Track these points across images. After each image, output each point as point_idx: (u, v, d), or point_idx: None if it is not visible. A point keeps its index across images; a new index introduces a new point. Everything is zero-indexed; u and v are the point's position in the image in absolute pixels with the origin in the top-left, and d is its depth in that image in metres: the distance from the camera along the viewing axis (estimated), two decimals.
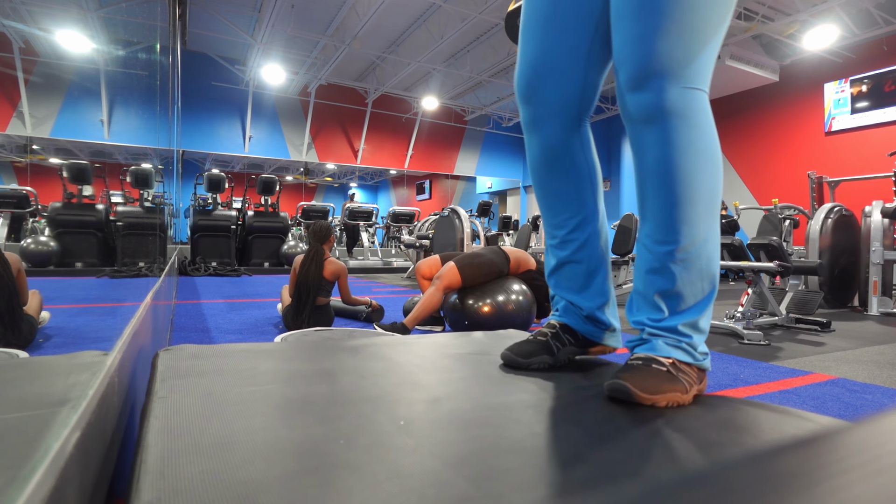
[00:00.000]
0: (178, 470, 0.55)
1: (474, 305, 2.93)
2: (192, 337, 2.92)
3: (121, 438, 0.88)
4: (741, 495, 0.20)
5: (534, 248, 5.81)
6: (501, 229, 10.13)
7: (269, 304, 4.37)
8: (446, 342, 1.30)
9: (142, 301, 1.54)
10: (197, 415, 0.72)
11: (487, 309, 2.91)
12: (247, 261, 8.59)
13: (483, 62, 11.31)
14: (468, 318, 2.93)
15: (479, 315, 2.90)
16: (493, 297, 2.94)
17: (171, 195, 7.85)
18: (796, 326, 3.72)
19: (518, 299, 2.99)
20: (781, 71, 9.56)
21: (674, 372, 0.88)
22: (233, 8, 9.48)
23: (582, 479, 0.58)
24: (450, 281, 2.92)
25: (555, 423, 0.75)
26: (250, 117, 12.38)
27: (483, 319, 2.89)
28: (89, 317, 3.33)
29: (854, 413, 1.81)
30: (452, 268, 2.94)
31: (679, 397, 0.86)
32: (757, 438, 0.74)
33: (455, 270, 2.93)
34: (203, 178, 8.56)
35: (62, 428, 0.53)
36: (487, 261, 3.02)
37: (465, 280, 2.94)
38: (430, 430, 0.70)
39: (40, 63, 4.39)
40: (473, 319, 2.91)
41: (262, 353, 1.12)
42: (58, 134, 9.39)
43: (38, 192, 7.33)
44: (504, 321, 2.88)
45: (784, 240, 6.62)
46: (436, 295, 2.89)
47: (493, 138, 15.65)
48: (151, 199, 7.40)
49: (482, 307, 2.91)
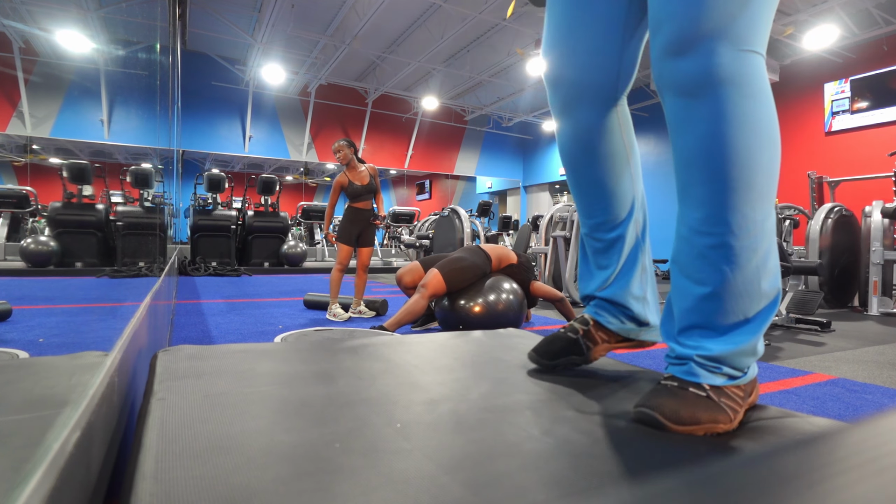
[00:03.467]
0: (171, 474, 0.55)
1: (466, 305, 2.94)
2: (191, 337, 2.91)
3: (120, 439, 0.88)
4: (741, 495, 0.20)
5: (534, 249, 5.80)
6: (501, 229, 10.13)
7: (269, 304, 4.37)
8: (445, 342, 1.30)
9: (141, 301, 1.54)
10: (193, 418, 0.72)
11: (479, 309, 2.92)
12: (247, 261, 8.59)
13: (483, 62, 11.31)
14: (460, 319, 2.94)
15: (470, 315, 2.92)
16: (485, 297, 2.96)
17: (171, 195, 7.85)
18: (796, 326, 3.72)
19: (508, 298, 3.00)
20: (781, 71, 9.55)
21: (715, 398, 0.75)
22: (233, 8, 9.48)
23: (579, 483, 0.58)
24: (435, 289, 2.93)
25: (552, 426, 0.75)
26: (250, 117, 12.38)
27: (475, 319, 2.90)
28: (89, 316, 3.33)
29: (854, 413, 1.81)
30: (436, 275, 2.95)
31: (720, 427, 0.74)
32: (757, 438, 0.73)
33: (439, 277, 2.95)
34: (203, 178, 8.55)
35: (62, 428, 0.53)
36: (470, 264, 3.05)
37: (449, 285, 2.97)
38: (426, 433, 0.69)
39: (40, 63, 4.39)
40: (465, 319, 2.92)
41: (261, 353, 1.12)
42: (58, 134, 9.38)
43: (38, 191, 7.34)
44: (496, 320, 2.90)
45: (784, 240, 6.61)
46: (420, 302, 2.90)
47: (493, 138, 15.64)
48: (151, 198, 7.40)
49: (473, 307, 2.92)
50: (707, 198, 0.77)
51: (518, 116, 14.59)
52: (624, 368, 1.09)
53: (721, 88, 0.73)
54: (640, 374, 1.04)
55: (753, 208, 0.76)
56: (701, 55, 0.73)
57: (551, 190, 15.35)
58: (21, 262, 6.06)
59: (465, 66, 11.48)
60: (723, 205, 0.75)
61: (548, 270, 5.54)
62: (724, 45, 0.72)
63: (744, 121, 0.74)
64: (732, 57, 0.72)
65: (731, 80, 0.73)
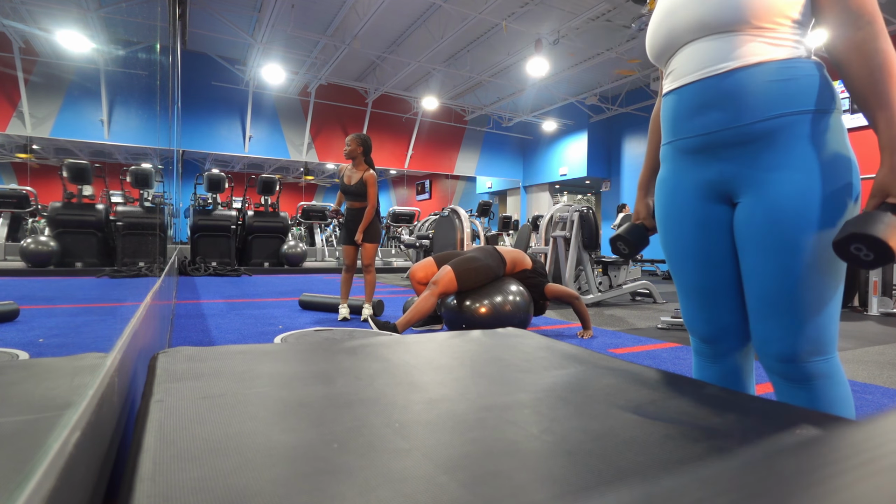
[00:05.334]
0: (169, 476, 0.55)
1: (472, 306, 2.93)
2: (191, 337, 2.92)
3: (120, 440, 0.88)
4: (741, 495, 0.20)
5: (534, 249, 5.81)
6: (501, 229, 10.14)
7: (268, 305, 4.37)
8: (444, 341, 1.30)
9: (141, 301, 1.54)
10: (191, 419, 0.72)
11: (485, 310, 2.91)
12: (247, 261, 8.59)
13: (483, 62, 11.31)
14: (465, 320, 2.93)
15: (476, 316, 2.90)
16: (491, 297, 2.95)
17: (171, 195, 7.85)
18: None
19: (515, 300, 2.99)
20: None
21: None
22: (233, 8, 9.48)
23: (578, 482, 0.58)
24: (446, 287, 2.92)
25: (551, 425, 0.75)
26: (250, 117, 12.39)
27: (480, 320, 2.89)
28: (89, 317, 3.33)
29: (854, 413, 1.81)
30: (449, 272, 2.93)
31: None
32: (757, 437, 0.73)
33: (451, 275, 2.93)
34: (203, 178, 8.56)
35: (62, 428, 0.53)
36: (483, 265, 3.02)
37: (461, 285, 2.94)
38: (424, 433, 0.69)
39: (40, 63, 4.39)
40: (471, 320, 2.91)
41: (260, 354, 1.12)
42: (58, 134, 9.38)
43: (38, 191, 7.34)
44: (501, 321, 2.88)
45: None
46: (430, 300, 2.88)
47: (493, 138, 15.65)
48: (151, 198, 7.41)
49: (479, 308, 2.91)
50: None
51: (518, 116, 14.59)
52: (624, 367, 1.09)
53: (816, 381, 0.98)
54: (641, 373, 1.04)
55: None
56: (800, 363, 0.97)
57: (551, 190, 15.36)
58: (21, 262, 6.06)
59: (465, 66, 11.48)
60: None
61: (548, 271, 5.54)
62: (817, 358, 0.97)
63: (834, 399, 0.98)
64: (824, 363, 0.97)
65: (824, 376, 0.97)
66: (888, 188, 0.86)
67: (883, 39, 0.89)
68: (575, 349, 1.23)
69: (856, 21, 0.90)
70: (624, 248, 1.33)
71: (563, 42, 9.50)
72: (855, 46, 0.90)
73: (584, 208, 5.15)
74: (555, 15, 8.93)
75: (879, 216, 0.81)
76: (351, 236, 3.64)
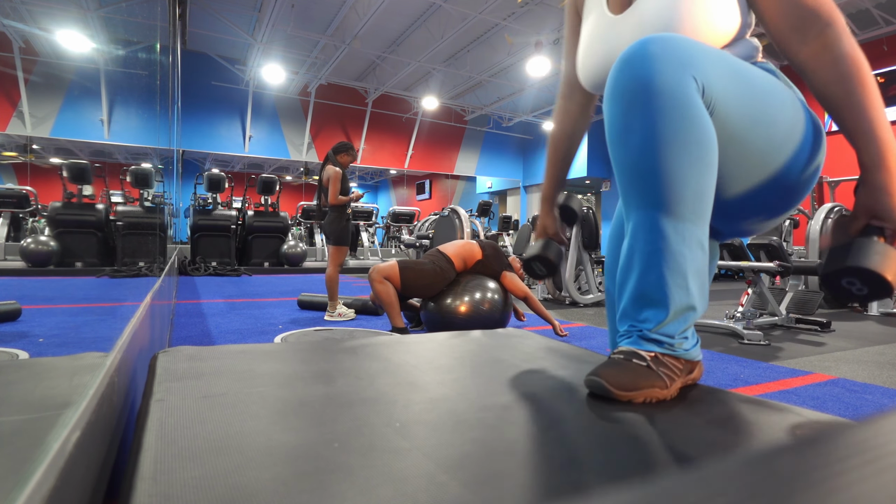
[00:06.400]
0: (170, 475, 0.55)
1: (451, 305, 2.94)
2: (191, 337, 2.92)
3: (120, 439, 0.88)
4: (741, 495, 0.20)
5: None
6: (501, 229, 10.13)
7: (268, 304, 4.37)
8: (444, 342, 1.30)
9: (141, 301, 1.54)
10: (192, 418, 0.72)
11: (464, 308, 2.92)
12: (247, 260, 8.59)
13: (483, 62, 11.31)
14: (445, 321, 2.94)
15: (455, 315, 2.91)
16: (471, 295, 2.96)
17: (171, 195, 7.85)
18: (796, 326, 3.72)
19: (493, 297, 2.98)
20: (781, 71, 9.55)
21: (654, 367, 0.84)
22: (233, 8, 9.48)
23: (578, 482, 0.58)
24: (388, 272, 2.94)
25: (551, 424, 0.75)
26: (250, 117, 12.39)
27: (460, 320, 2.90)
28: (89, 316, 3.33)
29: (854, 413, 1.81)
30: (393, 264, 2.99)
31: (657, 393, 0.83)
32: (756, 437, 0.73)
33: (395, 268, 2.97)
34: (203, 178, 8.56)
35: (62, 428, 0.53)
36: (429, 268, 3.01)
37: (403, 280, 2.94)
38: (425, 433, 0.69)
39: (40, 63, 4.39)
40: (450, 321, 2.92)
41: (260, 354, 1.12)
42: (58, 133, 9.39)
43: (38, 191, 7.34)
44: (482, 321, 2.90)
45: (784, 240, 6.60)
46: (382, 288, 2.92)
47: (493, 138, 15.65)
48: (151, 198, 7.41)
49: (459, 307, 2.92)
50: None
51: (518, 116, 14.59)
52: None
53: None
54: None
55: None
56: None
57: None
58: (21, 262, 6.06)
59: (465, 66, 11.49)
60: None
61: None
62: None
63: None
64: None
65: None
66: (872, 209, 0.78)
67: (846, 41, 0.79)
68: (575, 349, 1.23)
69: (813, 24, 0.82)
70: (541, 268, 1.18)
71: (562, 42, 9.50)
72: (815, 55, 0.82)
73: (584, 208, 5.15)
74: (555, 15, 8.93)
75: (869, 245, 0.74)
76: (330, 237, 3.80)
